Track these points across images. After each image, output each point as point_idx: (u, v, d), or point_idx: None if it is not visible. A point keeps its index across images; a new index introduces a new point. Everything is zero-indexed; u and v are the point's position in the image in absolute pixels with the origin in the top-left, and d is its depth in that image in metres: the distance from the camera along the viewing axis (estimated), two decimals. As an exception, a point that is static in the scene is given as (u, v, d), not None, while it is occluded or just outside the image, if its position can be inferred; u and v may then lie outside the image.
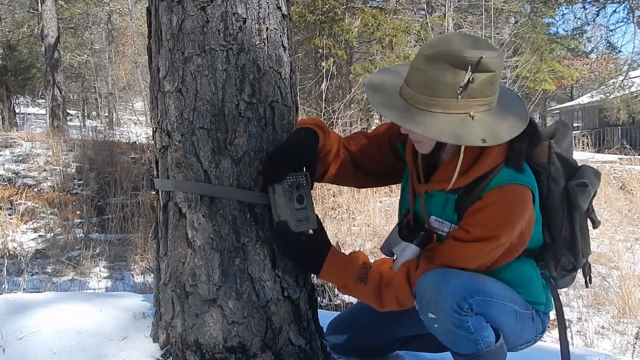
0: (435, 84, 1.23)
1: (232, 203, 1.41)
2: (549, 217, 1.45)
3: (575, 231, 1.46)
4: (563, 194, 1.44)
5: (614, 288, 4.01)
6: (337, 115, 11.17)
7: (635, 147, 17.17)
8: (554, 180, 1.43)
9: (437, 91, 1.23)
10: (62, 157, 7.77)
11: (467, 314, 1.25)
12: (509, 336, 1.38)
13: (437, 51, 1.22)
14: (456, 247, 1.33)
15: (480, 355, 1.29)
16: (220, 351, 1.41)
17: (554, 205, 1.44)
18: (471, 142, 1.23)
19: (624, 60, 21.07)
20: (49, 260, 4.90)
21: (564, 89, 28.79)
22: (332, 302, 3.71)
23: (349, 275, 1.42)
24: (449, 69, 1.21)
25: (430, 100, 1.24)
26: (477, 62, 1.18)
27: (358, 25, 14.14)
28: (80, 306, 1.86)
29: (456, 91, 1.21)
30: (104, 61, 22.66)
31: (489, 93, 1.25)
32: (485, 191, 1.32)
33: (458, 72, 1.20)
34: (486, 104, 1.26)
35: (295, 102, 1.57)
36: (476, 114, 1.24)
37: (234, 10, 1.40)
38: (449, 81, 1.21)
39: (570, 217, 1.45)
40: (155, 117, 1.52)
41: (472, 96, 1.22)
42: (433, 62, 1.22)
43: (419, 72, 1.26)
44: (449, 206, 1.38)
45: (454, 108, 1.23)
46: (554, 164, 1.43)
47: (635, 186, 8.10)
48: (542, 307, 1.48)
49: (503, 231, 1.30)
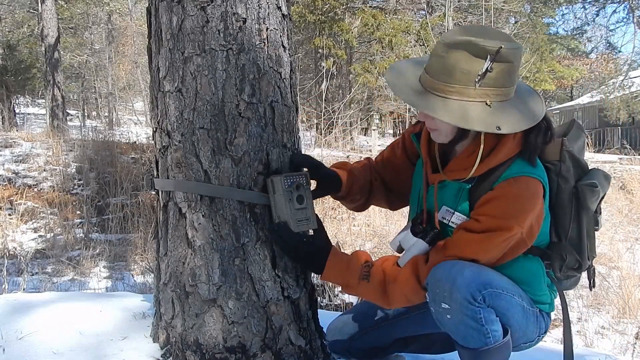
0: (454, 71, 1.25)
1: (232, 203, 1.41)
2: (556, 216, 1.45)
3: (582, 232, 1.46)
4: (572, 194, 1.44)
5: (614, 288, 4.01)
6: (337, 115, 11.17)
7: (635, 147, 17.17)
8: (564, 178, 1.43)
9: (455, 78, 1.25)
10: (62, 157, 7.77)
11: (480, 305, 1.25)
12: (515, 331, 1.37)
13: (457, 39, 1.24)
14: (467, 238, 1.32)
15: (488, 350, 1.28)
16: (220, 351, 1.41)
17: (562, 204, 1.44)
18: (487, 129, 1.25)
19: (624, 60, 21.06)
20: (49, 260, 4.90)
21: (564, 89, 28.81)
22: (332, 302, 3.71)
23: (351, 274, 1.42)
24: (468, 57, 1.23)
25: (447, 87, 1.26)
26: (496, 51, 1.20)
27: (358, 25, 14.15)
28: (80, 306, 1.86)
29: (474, 79, 1.23)
30: (104, 61, 22.65)
31: (507, 84, 1.27)
32: (497, 182, 1.33)
33: (477, 61, 1.22)
34: (503, 95, 1.27)
35: (295, 102, 1.57)
36: (493, 103, 1.26)
37: (234, 10, 1.40)
38: (468, 69, 1.23)
39: (577, 217, 1.45)
40: (155, 117, 1.52)
41: (489, 85, 1.25)
42: (453, 50, 1.24)
43: (438, 59, 1.28)
44: (462, 196, 1.38)
45: (471, 96, 1.25)
46: (565, 162, 1.43)
47: (635, 186, 8.10)
48: (546, 307, 1.47)
49: (514, 222, 1.29)
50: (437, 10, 14.30)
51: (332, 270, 1.43)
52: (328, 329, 1.72)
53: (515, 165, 1.33)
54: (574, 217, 1.44)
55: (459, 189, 1.39)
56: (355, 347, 1.69)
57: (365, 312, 1.70)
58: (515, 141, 1.33)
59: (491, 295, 1.27)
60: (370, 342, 1.67)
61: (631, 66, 19.64)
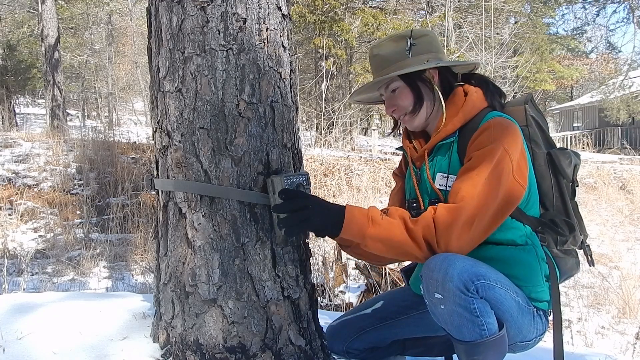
0: (388, 56, 1.52)
1: (232, 203, 1.41)
2: (538, 185, 1.50)
3: (566, 199, 1.52)
4: (547, 160, 1.51)
5: (614, 288, 4.01)
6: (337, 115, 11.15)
7: (635, 147, 17.17)
8: (535, 142, 1.52)
9: (390, 61, 1.51)
10: (62, 157, 7.78)
11: (473, 296, 1.25)
12: (511, 327, 1.36)
13: (379, 41, 1.58)
14: (467, 179, 1.35)
15: (483, 342, 1.27)
16: (220, 351, 1.41)
17: (540, 172, 1.51)
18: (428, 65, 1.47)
19: (624, 60, 21.09)
20: (49, 260, 4.91)
21: (564, 89, 28.82)
22: (332, 302, 3.71)
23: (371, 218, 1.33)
24: (393, 42, 1.53)
25: (390, 68, 1.51)
26: (410, 32, 1.51)
27: (358, 25, 14.15)
28: (80, 306, 1.86)
29: (405, 53, 1.50)
30: (104, 61, 22.67)
31: (434, 50, 1.52)
32: (479, 125, 1.42)
33: (401, 41, 1.51)
34: (436, 58, 1.51)
35: (295, 102, 1.57)
36: (429, 60, 1.49)
37: (234, 10, 1.40)
38: (397, 49, 1.51)
39: (558, 184, 1.52)
40: (155, 117, 1.52)
41: (420, 52, 1.50)
42: (379, 46, 1.55)
43: (374, 59, 1.56)
44: (451, 153, 1.46)
45: (409, 64, 1.49)
46: (532, 125, 1.53)
47: (636, 186, 8.10)
48: (544, 304, 1.46)
49: (503, 143, 1.35)
50: (437, 10, 14.31)
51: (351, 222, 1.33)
52: (328, 329, 1.72)
53: (491, 114, 1.45)
54: (554, 184, 1.52)
55: (448, 148, 1.48)
56: (355, 348, 1.69)
57: (365, 312, 1.70)
58: (478, 96, 1.48)
59: (484, 287, 1.27)
60: (369, 343, 1.68)
61: (631, 66, 19.65)
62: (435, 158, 1.51)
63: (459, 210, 1.31)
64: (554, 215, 1.51)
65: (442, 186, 1.46)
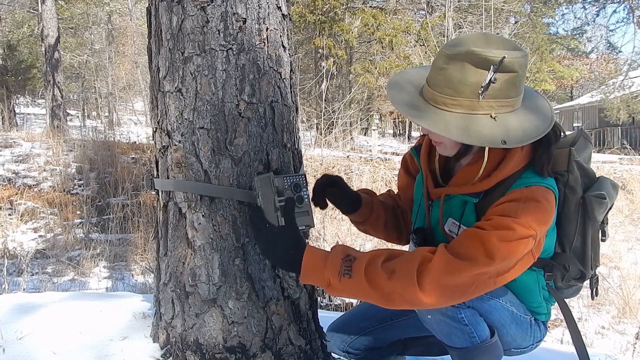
0: (456, 83, 1.19)
1: (232, 203, 1.41)
2: (561, 227, 1.39)
3: (587, 242, 1.40)
4: (579, 204, 1.37)
5: (614, 288, 4.01)
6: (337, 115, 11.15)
7: (635, 147, 17.17)
8: (572, 189, 1.36)
9: (457, 91, 1.20)
10: (62, 157, 7.78)
11: (460, 306, 1.24)
12: (503, 335, 1.36)
13: (458, 50, 1.18)
14: (476, 235, 1.18)
15: (475, 348, 1.27)
16: (220, 351, 1.41)
17: (568, 215, 1.38)
18: (491, 143, 1.19)
19: (624, 60, 21.09)
20: (49, 260, 4.91)
21: (564, 89, 28.81)
22: (332, 302, 3.71)
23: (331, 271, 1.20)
24: (470, 69, 1.17)
25: (449, 100, 1.21)
26: (499, 61, 1.15)
27: (358, 25, 14.14)
28: (80, 306, 1.86)
29: (477, 91, 1.18)
30: (104, 61, 22.67)
31: (512, 94, 1.22)
32: (509, 190, 1.26)
33: (480, 72, 1.17)
34: (509, 105, 1.22)
35: (295, 102, 1.57)
36: (498, 115, 1.21)
37: (234, 10, 1.40)
38: (470, 81, 1.18)
39: (583, 228, 1.39)
40: (155, 117, 1.52)
41: (494, 97, 1.19)
42: (454, 61, 1.19)
43: (440, 72, 1.22)
44: (468, 209, 1.32)
45: (474, 108, 1.20)
46: (573, 172, 1.36)
47: (636, 186, 8.10)
48: (542, 316, 1.45)
49: (531, 224, 1.18)
50: (437, 10, 14.30)
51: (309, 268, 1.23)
52: (328, 329, 1.72)
53: (527, 175, 1.27)
54: (579, 228, 1.38)
55: (464, 202, 1.34)
56: (355, 348, 1.69)
57: (365, 312, 1.70)
58: (524, 152, 1.28)
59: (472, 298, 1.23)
60: (369, 343, 1.67)
61: (631, 66, 19.65)
62: (450, 201, 1.38)
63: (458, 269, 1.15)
64: (568, 260, 1.38)
65: (452, 233, 1.36)
